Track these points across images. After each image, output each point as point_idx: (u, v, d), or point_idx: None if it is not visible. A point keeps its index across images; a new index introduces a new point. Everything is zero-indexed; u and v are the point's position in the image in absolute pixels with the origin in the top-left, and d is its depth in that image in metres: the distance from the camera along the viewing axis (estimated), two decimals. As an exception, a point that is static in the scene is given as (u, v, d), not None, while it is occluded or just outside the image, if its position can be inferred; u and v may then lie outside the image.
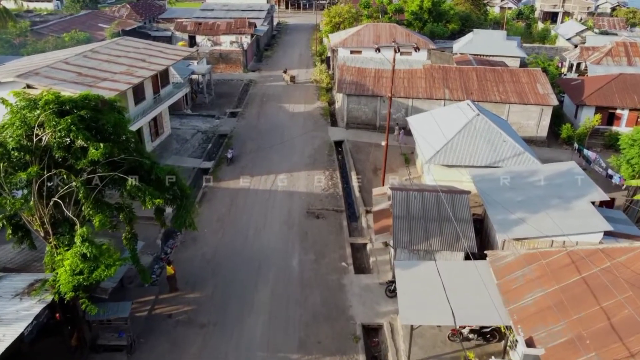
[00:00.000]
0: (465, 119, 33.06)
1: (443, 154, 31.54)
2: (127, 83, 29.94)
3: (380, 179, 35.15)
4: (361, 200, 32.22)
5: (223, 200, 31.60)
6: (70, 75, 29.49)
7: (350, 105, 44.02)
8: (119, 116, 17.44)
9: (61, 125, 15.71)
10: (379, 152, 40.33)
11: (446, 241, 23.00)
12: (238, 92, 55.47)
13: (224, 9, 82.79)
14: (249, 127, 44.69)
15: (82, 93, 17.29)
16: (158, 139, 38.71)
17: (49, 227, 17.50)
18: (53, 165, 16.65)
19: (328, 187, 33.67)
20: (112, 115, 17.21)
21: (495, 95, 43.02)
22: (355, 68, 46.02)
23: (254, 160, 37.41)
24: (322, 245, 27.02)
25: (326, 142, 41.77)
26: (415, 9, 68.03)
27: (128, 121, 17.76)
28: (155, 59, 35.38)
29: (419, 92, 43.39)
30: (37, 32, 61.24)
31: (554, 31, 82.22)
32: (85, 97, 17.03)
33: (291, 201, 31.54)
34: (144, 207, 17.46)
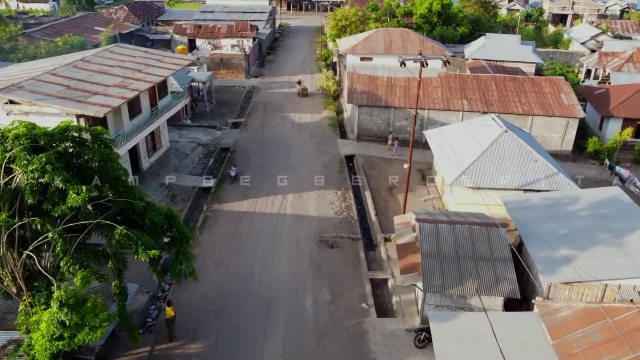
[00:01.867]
0: (492, 136, 30.20)
1: (468, 176, 28.64)
2: (121, 98, 27.03)
3: (399, 201, 32.34)
4: (378, 225, 29.34)
5: (226, 225, 28.69)
6: (57, 89, 26.58)
7: (361, 117, 41.16)
8: (106, 150, 14.52)
9: (34, 164, 12.82)
10: (392, 167, 37.60)
11: (483, 284, 20.11)
12: (240, 100, 52.57)
13: (225, 11, 79.87)
14: (252, 140, 41.78)
15: (60, 124, 14.36)
16: (155, 155, 35.80)
17: (22, 283, 14.60)
18: (26, 211, 13.73)
19: (341, 209, 30.77)
20: (98, 149, 14.30)
21: (517, 106, 40.16)
22: (367, 76, 43.14)
23: (259, 178, 34.48)
24: (338, 282, 24.12)
25: (336, 156, 38.86)
26: (424, 12, 65.20)
27: (117, 156, 14.85)
28: (153, 69, 32.47)
29: (435, 102, 40.53)
30: (29, 35, 58.24)
31: (566, 35, 79.35)
32: (64, 129, 14.12)
33: (301, 227, 28.64)
34: (137, 257, 14.54)
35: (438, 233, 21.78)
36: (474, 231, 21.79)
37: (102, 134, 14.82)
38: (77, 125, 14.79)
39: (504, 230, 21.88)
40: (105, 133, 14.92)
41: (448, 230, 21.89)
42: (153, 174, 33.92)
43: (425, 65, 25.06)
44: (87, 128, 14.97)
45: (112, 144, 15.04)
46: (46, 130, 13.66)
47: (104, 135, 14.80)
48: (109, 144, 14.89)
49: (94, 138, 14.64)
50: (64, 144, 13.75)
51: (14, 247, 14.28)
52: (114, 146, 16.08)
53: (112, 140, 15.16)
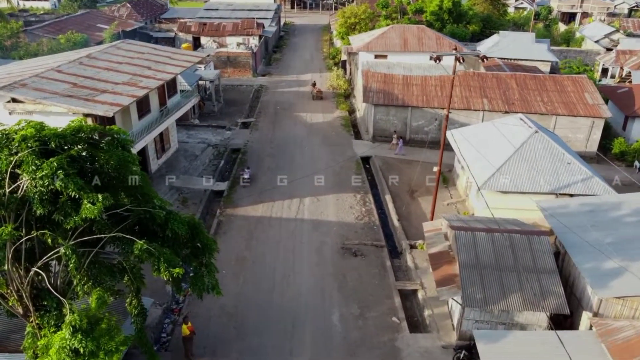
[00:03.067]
0: (522, 137, 28.61)
1: (498, 179, 27.05)
2: (131, 96, 25.42)
3: (420, 205, 30.76)
4: (402, 231, 27.71)
5: (241, 232, 27.07)
6: (63, 87, 24.96)
7: (377, 117, 39.54)
8: (124, 153, 12.89)
9: (44, 170, 11.21)
10: (410, 169, 35.96)
11: (528, 299, 18.50)
12: (249, 99, 50.94)
13: (229, 9, 78.28)
14: (263, 141, 40.16)
15: (72, 123, 12.74)
16: (164, 156, 34.20)
17: (29, 302, 12.99)
18: (34, 222, 12.12)
19: (362, 214, 29.15)
20: (114, 152, 12.67)
21: (540, 105, 38.55)
22: (382, 74, 41.52)
23: (274, 181, 32.86)
24: (366, 294, 22.50)
25: (352, 158, 37.24)
26: (435, 9, 63.54)
27: (135, 159, 13.22)
28: (162, 66, 30.85)
29: (455, 101, 38.86)
30: (30, 33, 56.64)
31: (579, 33, 77.76)
32: (77, 130, 12.50)
33: (321, 233, 27.03)
34: (157, 275, 12.92)
35: (476, 242, 20.17)
36: (515, 240, 20.19)
37: (119, 134, 13.18)
38: (92, 125, 13.17)
39: (547, 239, 20.28)
40: (123, 133, 13.29)
41: (486, 238, 20.29)
42: (162, 176, 32.29)
43: (461, 61, 23.37)
44: (102, 128, 13.33)
45: (129, 145, 13.39)
46: (57, 132, 12.04)
47: (121, 136, 13.17)
48: (127, 145, 13.25)
49: (111, 138, 12.99)
50: (76, 147, 12.13)
51: (20, 262, 12.68)
52: (132, 147, 14.40)
53: (130, 141, 13.51)
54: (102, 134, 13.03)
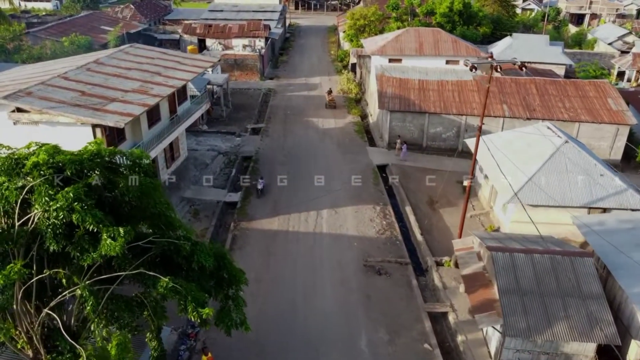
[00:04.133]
0: (551, 147, 27.27)
1: (528, 192, 25.70)
2: (142, 105, 24.07)
3: (442, 217, 29.43)
4: (426, 246, 26.36)
5: (258, 247, 25.72)
6: (70, 95, 23.61)
7: (393, 123, 38.18)
8: (146, 179, 11.55)
9: (58, 202, 9.88)
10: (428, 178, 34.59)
11: (575, 327, 17.15)
12: (257, 103, 49.59)
13: (234, 10, 76.97)
14: (275, 148, 38.81)
15: (89, 146, 11.39)
16: (173, 165, 32.81)
17: (40, 345, 11.65)
18: (46, 258, 10.78)
19: (383, 228, 27.80)
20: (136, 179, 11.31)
21: (562, 112, 37.20)
22: (397, 79, 40.17)
23: (288, 192, 31.54)
24: (393, 316, 21.15)
25: (368, 166, 35.90)
26: (445, 11, 62.12)
27: (158, 185, 11.88)
28: (173, 72, 29.50)
29: (473, 107, 37.57)
30: (33, 35, 55.27)
31: (590, 35, 76.35)
32: (95, 154, 11.14)
33: (342, 249, 25.68)
34: (184, 315, 11.58)
35: (515, 264, 18.83)
36: (556, 262, 18.84)
37: (141, 159, 11.83)
38: (111, 149, 11.79)
39: (591, 261, 18.94)
40: (145, 157, 11.94)
41: (525, 260, 18.94)
42: (172, 187, 30.92)
43: (499, 69, 21.99)
44: (121, 151, 11.98)
45: (152, 170, 12.04)
46: (73, 157, 10.68)
47: (143, 161, 11.82)
48: (149, 170, 11.89)
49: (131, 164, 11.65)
50: (95, 174, 10.79)
51: (30, 300, 11.35)
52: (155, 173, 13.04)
53: (152, 167, 12.17)
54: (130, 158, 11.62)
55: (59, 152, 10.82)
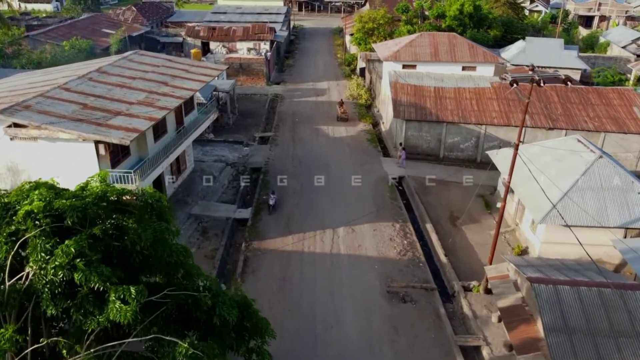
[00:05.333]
0: (584, 162, 25.56)
1: (560, 210, 23.96)
2: (148, 118, 22.41)
3: (465, 235, 27.73)
4: (451, 268, 24.66)
5: (272, 270, 24.02)
6: (71, 109, 21.94)
7: (408, 133, 36.47)
8: (161, 225, 9.87)
9: (57, 259, 8.21)
10: (447, 191, 33.02)
11: (632, 372, 15.46)
12: (264, 110, 47.91)
13: (238, 12, 75.31)
14: (285, 158, 37.12)
15: (94, 188, 9.72)
16: (180, 178, 31.19)
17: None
18: (43, 322, 9.08)
19: (404, 248, 26.09)
20: (148, 224, 9.63)
21: (586, 121, 35.51)
22: (411, 86, 38.49)
23: (301, 207, 29.87)
24: (423, 351, 19.46)
25: (383, 178, 34.19)
26: (456, 14, 60.41)
27: (177, 233, 10.21)
28: (180, 81, 27.84)
29: (493, 117, 35.87)
30: (33, 39, 53.61)
31: (603, 38, 74.60)
32: (100, 197, 9.46)
33: (362, 272, 23.98)
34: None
35: (560, 298, 17.12)
36: (606, 296, 17.14)
37: (157, 200, 10.14)
38: (119, 189, 10.10)
39: (643, 295, 17.22)
40: (161, 199, 10.26)
41: (571, 294, 17.24)
42: (179, 202, 29.28)
43: (541, 84, 20.29)
44: (131, 191, 10.29)
45: (168, 212, 10.35)
46: (73, 202, 8.98)
47: (157, 201, 10.13)
48: (165, 213, 10.21)
49: (143, 205, 9.98)
50: (99, 222, 9.12)
51: (25, 364, 9.64)
52: (172, 216, 11.24)
53: (168, 208, 10.49)
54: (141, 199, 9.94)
55: (58, 195, 9.13)
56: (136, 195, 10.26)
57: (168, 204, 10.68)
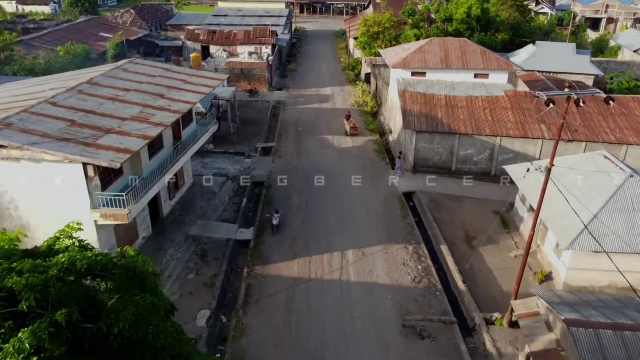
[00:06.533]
0: (613, 181, 23.67)
1: (588, 236, 22.06)
2: (142, 137, 20.54)
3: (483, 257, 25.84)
4: (470, 297, 22.75)
5: (276, 301, 22.12)
6: (58, 126, 20.08)
7: (419, 144, 34.58)
8: (146, 299, 7.95)
9: (7, 358, 6.28)
10: (461, 207, 31.17)
11: None
12: (266, 118, 46.04)
13: (239, 15, 73.56)
14: (289, 171, 35.22)
15: (61, 257, 7.82)
16: (178, 194, 29.33)
17: None
18: None
19: (418, 274, 24.19)
20: (130, 298, 7.73)
21: (607, 133, 33.62)
22: (421, 94, 36.61)
23: (307, 226, 28.00)
24: (445, 397, 17.57)
25: (393, 194, 32.32)
26: (463, 17, 58.51)
27: (165, 307, 8.31)
28: (177, 93, 25.96)
29: (508, 128, 33.97)
30: (26, 43, 51.76)
31: (613, 41, 72.69)
32: (67, 268, 7.50)
33: (374, 302, 22.10)
34: None
35: (601, 344, 15.23)
36: (653, 342, 15.23)
37: (137, 264, 8.20)
38: (93, 254, 8.12)
39: (696, 341, 15.32)
40: (146, 263, 8.34)
41: (614, 339, 15.34)
42: (176, 222, 27.42)
43: (580, 103, 18.41)
44: (107, 256, 8.39)
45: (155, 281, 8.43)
46: (31, 278, 7.03)
47: (140, 267, 8.20)
48: (150, 281, 8.28)
49: (122, 271, 8.06)
50: (67, 308, 7.18)
51: None
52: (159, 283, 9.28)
53: (156, 275, 8.58)
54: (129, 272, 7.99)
55: (11, 268, 7.22)
56: (114, 262, 8.36)
57: (155, 270, 8.76)
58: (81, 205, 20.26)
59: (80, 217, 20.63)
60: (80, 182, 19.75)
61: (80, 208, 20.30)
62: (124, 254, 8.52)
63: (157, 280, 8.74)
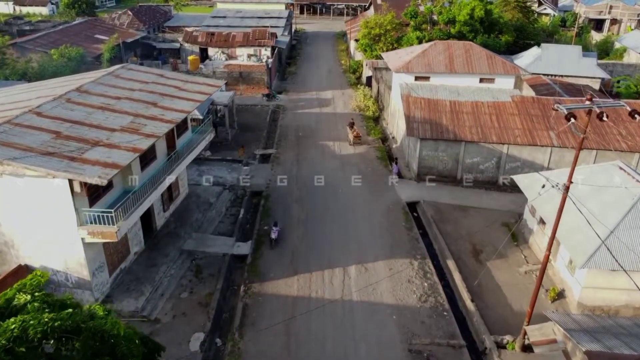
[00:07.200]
0: (630, 196, 22.47)
1: (605, 253, 20.85)
2: (131, 150, 19.33)
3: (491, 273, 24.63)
4: (479, 317, 21.53)
5: (274, 322, 20.89)
6: (42, 139, 18.88)
7: (423, 152, 33.36)
8: None
9: None
10: (467, 219, 29.98)
11: None
12: (265, 123, 44.83)
13: (238, 16, 72.29)
14: (288, 179, 34.00)
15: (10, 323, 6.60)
16: (172, 205, 28.11)
17: None
18: None
19: (425, 292, 22.98)
20: None
21: (619, 140, 32.41)
22: (425, 100, 35.42)
23: (306, 240, 26.81)
24: None
25: (396, 204, 31.12)
26: (466, 18, 57.28)
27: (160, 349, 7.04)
28: (171, 101, 24.74)
29: (516, 135, 32.75)
30: (20, 46, 50.61)
31: (618, 43, 71.43)
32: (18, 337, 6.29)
33: (378, 325, 20.88)
34: None
35: (627, 380, 14.03)
36: (684, 377, 14.03)
37: (105, 325, 6.95)
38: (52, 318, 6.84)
39: None
40: (116, 326, 7.12)
41: (641, 374, 14.13)
42: (170, 235, 26.19)
43: (602, 118, 17.23)
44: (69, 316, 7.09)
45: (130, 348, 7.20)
46: None
47: (108, 328, 6.95)
48: (121, 346, 7.03)
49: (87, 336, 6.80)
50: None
51: None
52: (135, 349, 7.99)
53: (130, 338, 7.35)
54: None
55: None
56: (78, 324, 7.12)
57: (130, 332, 7.50)
58: (67, 223, 19.09)
59: (66, 235, 19.73)
60: (66, 198, 18.56)
61: (67, 225, 19.15)
62: (92, 314, 7.27)
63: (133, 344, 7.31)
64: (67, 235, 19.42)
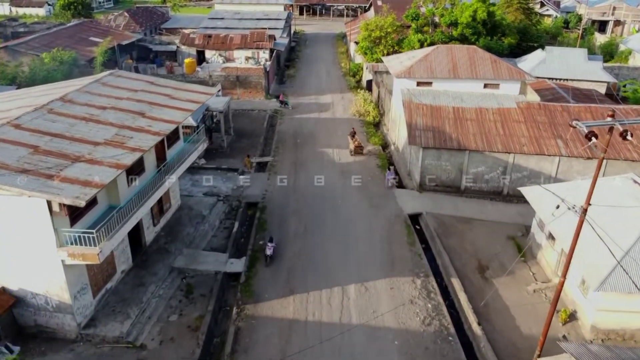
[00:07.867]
0: (646, 213, 21.17)
1: (622, 275, 19.58)
2: (115, 166, 18.02)
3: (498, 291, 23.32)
4: (487, 342, 20.23)
5: (268, 350, 19.60)
6: (18, 154, 17.58)
7: (426, 161, 32.06)
8: None
9: None
10: (472, 231, 28.72)
11: None
12: (262, 129, 43.53)
13: (236, 18, 71.04)
14: (285, 190, 32.75)
15: None
16: (163, 219, 26.81)
17: None
18: None
19: (428, 314, 21.68)
20: None
21: (630, 149, 31.10)
22: (427, 106, 34.14)
23: (303, 256, 25.51)
24: None
25: (398, 216, 29.82)
26: (468, 20, 55.95)
27: None
28: (160, 111, 23.43)
29: (522, 143, 31.46)
30: (11, 49, 49.29)
31: (623, 45, 70.08)
32: None
33: (380, 352, 19.58)
34: None
35: None
36: None
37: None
38: None
39: None
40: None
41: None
42: (160, 251, 24.89)
43: (627, 137, 15.93)
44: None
45: None
46: None
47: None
48: None
49: None
50: None
51: None
52: None
53: None
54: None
55: None
56: None
57: None
58: (46, 244, 17.80)
59: (45, 257, 18.43)
60: (44, 218, 17.28)
61: (45, 247, 17.86)
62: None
63: None
64: (46, 257, 18.14)
